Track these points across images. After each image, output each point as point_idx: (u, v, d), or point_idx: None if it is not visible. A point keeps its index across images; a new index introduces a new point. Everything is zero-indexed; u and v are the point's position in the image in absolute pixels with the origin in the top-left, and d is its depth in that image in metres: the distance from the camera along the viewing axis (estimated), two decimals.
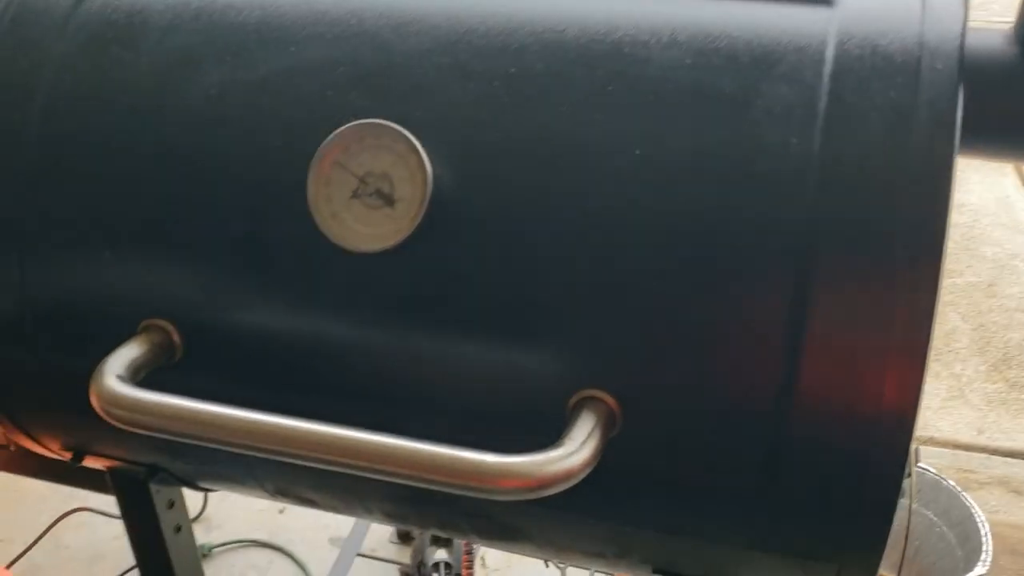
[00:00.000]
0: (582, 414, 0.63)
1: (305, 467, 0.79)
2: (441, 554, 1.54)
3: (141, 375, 0.70)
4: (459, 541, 1.52)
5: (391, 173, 0.67)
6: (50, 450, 0.92)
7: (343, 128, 0.67)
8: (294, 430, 0.61)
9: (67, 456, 0.92)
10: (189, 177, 0.72)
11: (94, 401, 0.66)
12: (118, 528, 1.94)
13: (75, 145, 0.75)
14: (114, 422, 0.66)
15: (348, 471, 0.61)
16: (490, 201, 0.66)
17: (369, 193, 0.67)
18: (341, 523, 1.94)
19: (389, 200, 0.67)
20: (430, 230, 0.66)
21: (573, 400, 0.65)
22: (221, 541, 1.92)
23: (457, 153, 0.67)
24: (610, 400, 0.64)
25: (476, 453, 0.59)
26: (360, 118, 0.67)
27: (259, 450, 0.63)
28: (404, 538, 1.89)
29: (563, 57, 0.68)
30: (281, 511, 1.99)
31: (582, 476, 0.60)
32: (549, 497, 0.64)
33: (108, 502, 1.99)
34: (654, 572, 0.77)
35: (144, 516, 0.95)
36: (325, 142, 0.67)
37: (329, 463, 0.61)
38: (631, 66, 0.66)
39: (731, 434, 0.64)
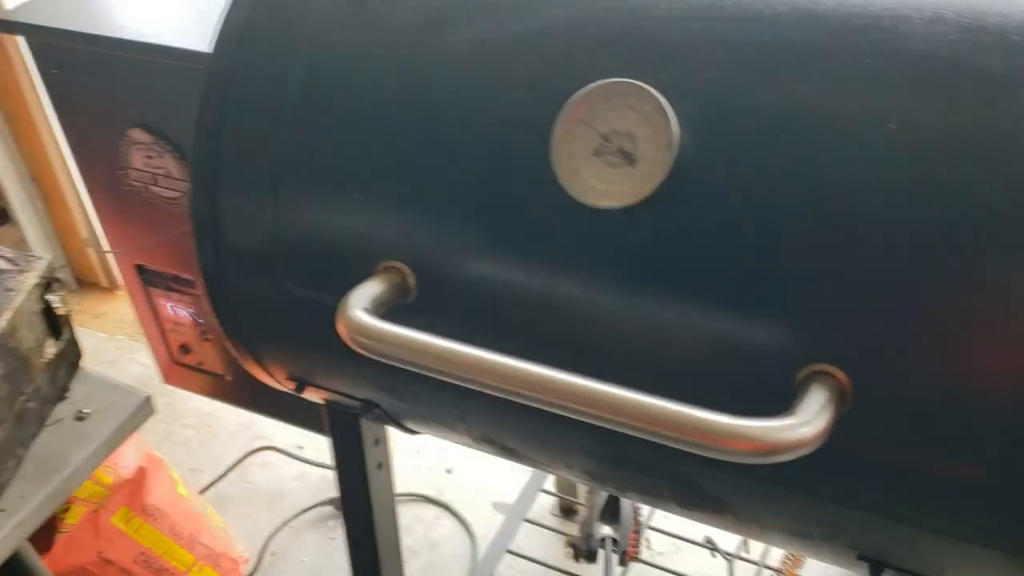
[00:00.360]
0: (813, 387, 0.62)
1: (515, 418, 0.83)
2: (607, 530, 1.54)
3: (381, 311, 0.74)
4: (628, 519, 1.53)
5: (635, 132, 0.68)
6: (276, 379, 0.99)
7: (591, 86, 0.69)
8: (533, 373, 0.64)
9: (290, 386, 0.99)
10: (437, 128, 0.75)
11: (341, 330, 0.71)
12: (298, 469, 2.09)
13: (333, 93, 0.80)
14: (359, 350, 0.70)
15: (578, 417, 0.63)
16: (733, 167, 0.66)
17: (611, 151, 0.68)
18: (505, 488, 1.99)
19: (631, 159, 0.68)
20: (669, 191, 0.66)
21: (803, 373, 0.64)
22: None
23: (702, 117, 0.67)
24: (842, 376, 0.63)
25: (707, 412, 0.60)
26: (606, 78, 0.69)
27: (493, 388, 0.66)
28: (566, 512, 1.92)
29: (818, 28, 0.67)
30: (449, 471, 2.06)
31: (813, 448, 0.59)
32: (765, 470, 0.64)
33: (291, 444, 2.14)
34: (859, 559, 0.75)
35: (351, 449, 1.01)
36: (571, 99, 0.69)
37: (562, 408, 0.63)
38: (890, 40, 0.65)
39: (968, 422, 0.61)
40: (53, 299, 0.89)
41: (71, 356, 0.96)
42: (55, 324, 0.91)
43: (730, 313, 0.67)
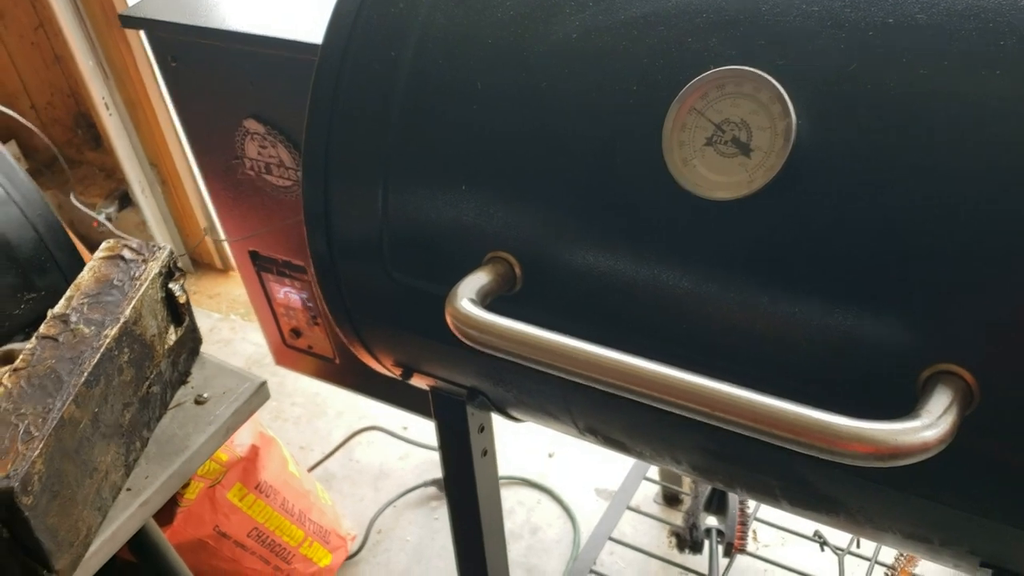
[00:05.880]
0: (937, 388, 0.60)
1: (621, 410, 0.82)
2: (712, 521, 1.52)
3: (487, 301, 0.74)
4: (734, 510, 1.50)
5: (749, 122, 0.66)
6: (383, 365, 1.01)
7: (704, 75, 0.67)
8: (643, 370, 0.63)
9: (397, 372, 1.01)
10: (546, 118, 0.75)
11: (449, 320, 0.72)
12: (403, 449, 2.12)
13: (441, 83, 0.80)
14: (466, 341, 0.71)
15: (690, 416, 0.62)
16: (854, 158, 0.63)
17: (724, 141, 0.67)
18: (607, 475, 1.98)
19: (745, 149, 0.66)
20: (786, 183, 0.64)
21: (926, 373, 0.61)
22: None
23: (822, 105, 0.64)
24: (969, 377, 0.60)
25: (825, 413, 0.57)
26: (720, 65, 0.67)
27: (601, 384, 0.65)
28: (670, 501, 1.90)
29: (948, 8, 0.63)
30: (551, 455, 2.06)
31: (936, 451, 0.57)
32: (883, 471, 0.61)
33: (396, 424, 2.18)
34: (982, 566, 0.72)
35: (457, 436, 1.01)
36: (684, 88, 0.67)
37: (673, 406, 0.62)
38: None
39: None
40: (175, 287, 0.92)
41: (191, 342, 1.00)
42: (176, 312, 0.95)
43: (849, 310, 0.64)
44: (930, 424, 0.57)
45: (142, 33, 2.22)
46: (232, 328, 2.57)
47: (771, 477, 0.78)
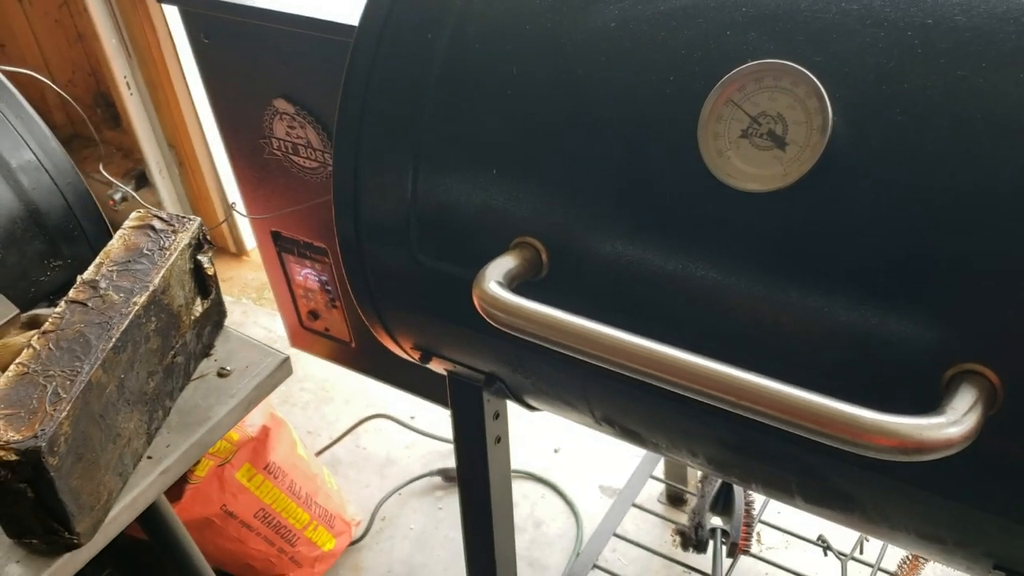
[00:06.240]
0: (962, 387, 0.60)
1: (642, 400, 0.83)
2: (717, 521, 1.53)
3: (513, 286, 0.75)
4: (739, 511, 1.50)
5: (786, 115, 0.66)
6: (402, 348, 1.01)
7: (743, 67, 0.67)
8: (672, 357, 0.63)
9: (416, 356, 1.01)
10: (580, 105, 0.75)
11: (476, 302, 0.72)
12: (410, 438, 2.13)
13: (476, 68, 0.81)
14: (493, 323, 0.71)
15: (716, 404, 0.62)
16: (889, 156, 0.64)
17: (760, 134, 0.67)
18: (611, 471, 1.99)
19: (780, 143, 0.66)
20: (820, 178, 0.65)
21: (951, 372, 0.62)
22: None
23: (858, 102, 0.65)
24: (994, 377, 0.61)
25: (851, 406, 0.58)
26: (758, 59, 0.68)
27: (627, 369, 0.65)
28: (674, 500, 1.90)
29: (988, 11, 0.63)
30: (556, 451, 2.07)
31: (960, 448, 0.57)
32: (903, 468, 0.61)
33: (404, 413, 2.19)
34: (995, 568, 0.72)
35: (472, 421, 1.02)
36: (722, 79, 0.68)
37: (699, 394, 0.62)
38: None
39: None
40: (203, 259, 0.93)
41: (216, 315, 1.01)
42: (204, 283, 0.95)
43: (877, 307, 0.64)
44: (955, 421, 0.57)
45: (168, 11, 2.24)
46: (244, 312, 2.58)
47: (789, 472, 0.79)
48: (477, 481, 1.08)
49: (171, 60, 2.36)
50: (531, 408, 1.02)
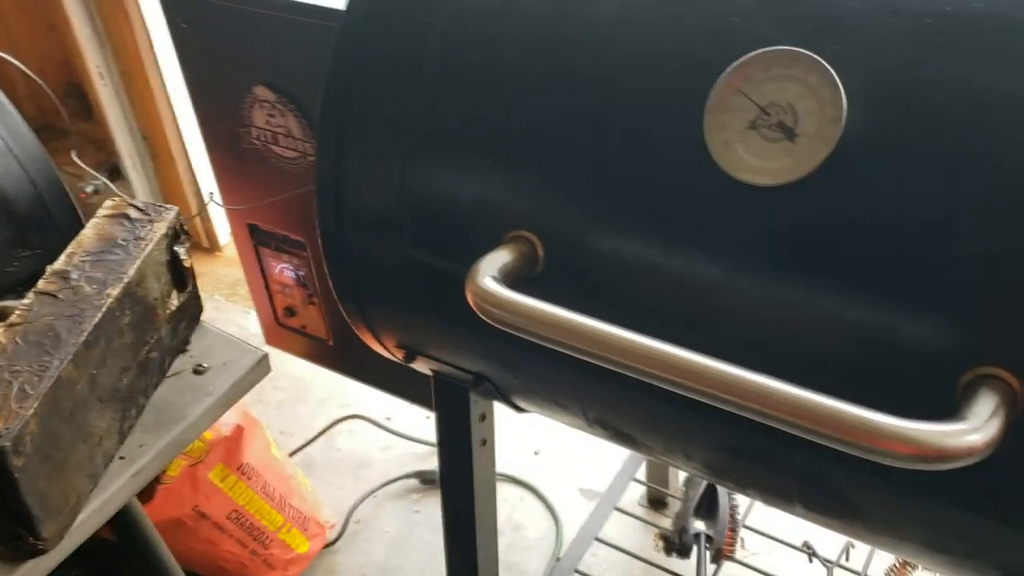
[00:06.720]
0: (981, 391, 0.58)
1: (638, 402, 0.80)
2: (701, 525, 1.50)
3: (508, 282, 0.71)
4: (724, 515, 1.48)
5: (796, 105, 0.64)
6: (385, 347, 0.98)
7: (751, 54, 0.65)
8: (676, 356, 0.60)
9: (399, 354, 0.98)
10: (580, 94, 0.72)
11: (470, 298, 0.69)
12: (386, 440, 2.09)
13: (472, 55, 0.77)
14: (487, 319, 0.68)
15: (721, 406, 0.59)
16: (906, 149, 0.61)
17: (769, 125, 0.64)
18: (592, 474, 1.96)
19: (790, 134, 0.64)
20: (832, 171, 0.62)
21: (968, 376, 0.59)
22: None
23: (874, 92, 0.62)
24: (1014, 381, 0.58)
25: (867, 411, 0.55)
26: (765, 47, 0.65)
27: (629, 368, 0.62)
28: (656, 504, 1.88)
29: None
30: (536, 453, 2.04)
31: (982, 457, 0.54)
32: (913, 476, 0.59)
33: (380, 415, 2.15)
34: None
35: (457, 423, 0.99)
36: (728, 68, 0.65)
37: (704, 395, 0.59)
38: None
39: None
40: (180, 251, 0.89)
41: (193, 309, 0.97)
42: (181, 276, 0.91)
43: (891, 307, 0.62)
44: (978, 427, 0.55)
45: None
46: (216, 308, 2.52)
47: (790, 479, 0.76)
48: (461, 485, 1.05)
49: (146, 50, 2.31)
50: (519, 410, 0.99)
